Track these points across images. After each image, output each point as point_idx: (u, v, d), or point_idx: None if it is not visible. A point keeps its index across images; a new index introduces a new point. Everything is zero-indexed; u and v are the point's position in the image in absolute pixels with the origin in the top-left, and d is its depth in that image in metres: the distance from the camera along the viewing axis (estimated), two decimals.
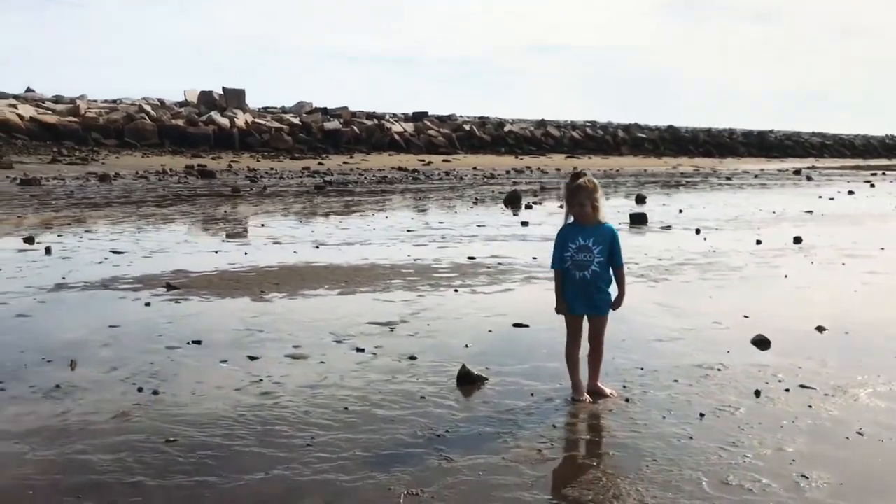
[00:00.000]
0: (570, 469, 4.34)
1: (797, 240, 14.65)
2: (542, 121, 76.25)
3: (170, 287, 9.29)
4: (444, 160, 51.60)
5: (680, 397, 5.54)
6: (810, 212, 21.39)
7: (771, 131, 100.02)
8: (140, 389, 5.58)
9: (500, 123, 69.40)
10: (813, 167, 61.46)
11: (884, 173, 49.66)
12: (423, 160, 50.25)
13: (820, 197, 27.45)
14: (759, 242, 14.30)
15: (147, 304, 8.41)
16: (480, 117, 74.40)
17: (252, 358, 6.40)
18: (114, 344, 6.81)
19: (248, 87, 63.31)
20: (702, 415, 5.15)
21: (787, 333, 7.31)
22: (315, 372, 6.06)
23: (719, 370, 6.20)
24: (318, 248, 12.95)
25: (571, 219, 5.48)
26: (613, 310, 5.57)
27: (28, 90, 54.85)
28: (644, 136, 78.65)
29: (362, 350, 6.67)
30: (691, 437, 4.77)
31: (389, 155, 53.40)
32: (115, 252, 11.97)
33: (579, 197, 5.38)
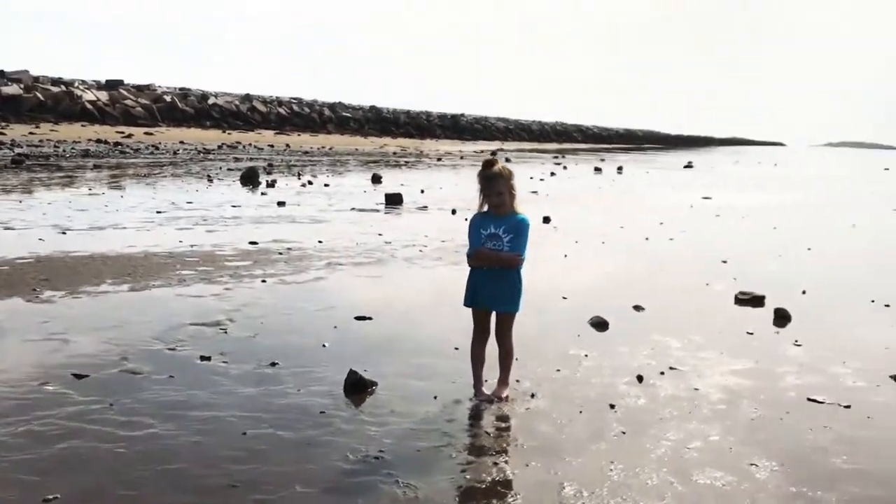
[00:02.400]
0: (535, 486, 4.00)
1: (546, 219, 15.39)
2: (248, 95, 73.80)
3: None
4: (145, 133, 48.04)
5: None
6: (535, 192, 22.76)
7: (462, 115, 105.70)
8: None
9: (204, 96, 65.90)
10: (501, 149, 65.88)
11: (563, 156, 55.23)
12: (123, 132, 46.35)
13: (542, 179, 29.19)
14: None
15: None
16: (182, 88, 70.12)
17: (78, 376, 5.25)
18: None
19: None
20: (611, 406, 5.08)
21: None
22: (171, 390, 5.10)
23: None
24: (64, 233, 11.21)
25: (486, 208, 5.09)
26: (506, 262, 5.04)
27: None
28: (349, 115, 79.21)
29: (208, 358, 5.76)
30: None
31: (83, 126, 48.46)
32: None
33: (497, 185, 4.99)
